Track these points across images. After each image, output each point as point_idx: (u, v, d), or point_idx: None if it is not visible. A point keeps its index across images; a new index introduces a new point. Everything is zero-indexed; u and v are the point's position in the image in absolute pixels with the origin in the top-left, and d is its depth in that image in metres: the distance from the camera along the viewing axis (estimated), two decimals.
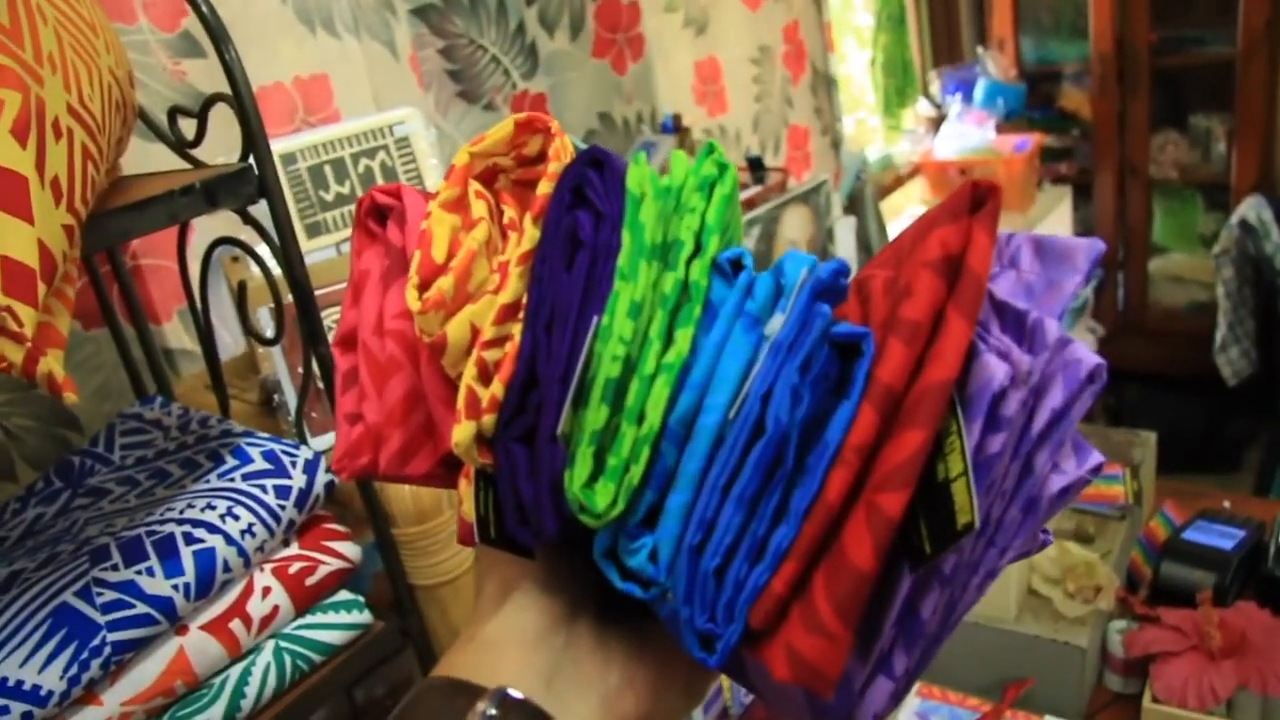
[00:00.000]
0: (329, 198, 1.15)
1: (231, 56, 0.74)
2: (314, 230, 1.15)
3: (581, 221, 0.38)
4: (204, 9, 0.74)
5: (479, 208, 0.41)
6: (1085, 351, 0.34)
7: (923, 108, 3.25)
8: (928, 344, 0.33)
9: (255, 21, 1.24)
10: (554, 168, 0.39)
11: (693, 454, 0.35)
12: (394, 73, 1.42)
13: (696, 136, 1.92)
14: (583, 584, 0.40)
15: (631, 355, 0.36)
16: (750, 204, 1.53)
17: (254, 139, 0.76)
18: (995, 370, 0.33)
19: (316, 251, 1.14)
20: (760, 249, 1.62)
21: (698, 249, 0.38)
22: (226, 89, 0.76)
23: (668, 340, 0.36)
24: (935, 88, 3.21)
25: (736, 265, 0.38)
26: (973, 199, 0.35)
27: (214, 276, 1.18)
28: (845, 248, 1.76)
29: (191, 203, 0.72)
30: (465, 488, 0.40)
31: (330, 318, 1.03)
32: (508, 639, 0.39)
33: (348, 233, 1.16)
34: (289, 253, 0.79)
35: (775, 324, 0.35)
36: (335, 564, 0.88)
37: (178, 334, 1.23)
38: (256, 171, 0.77)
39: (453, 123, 1.56)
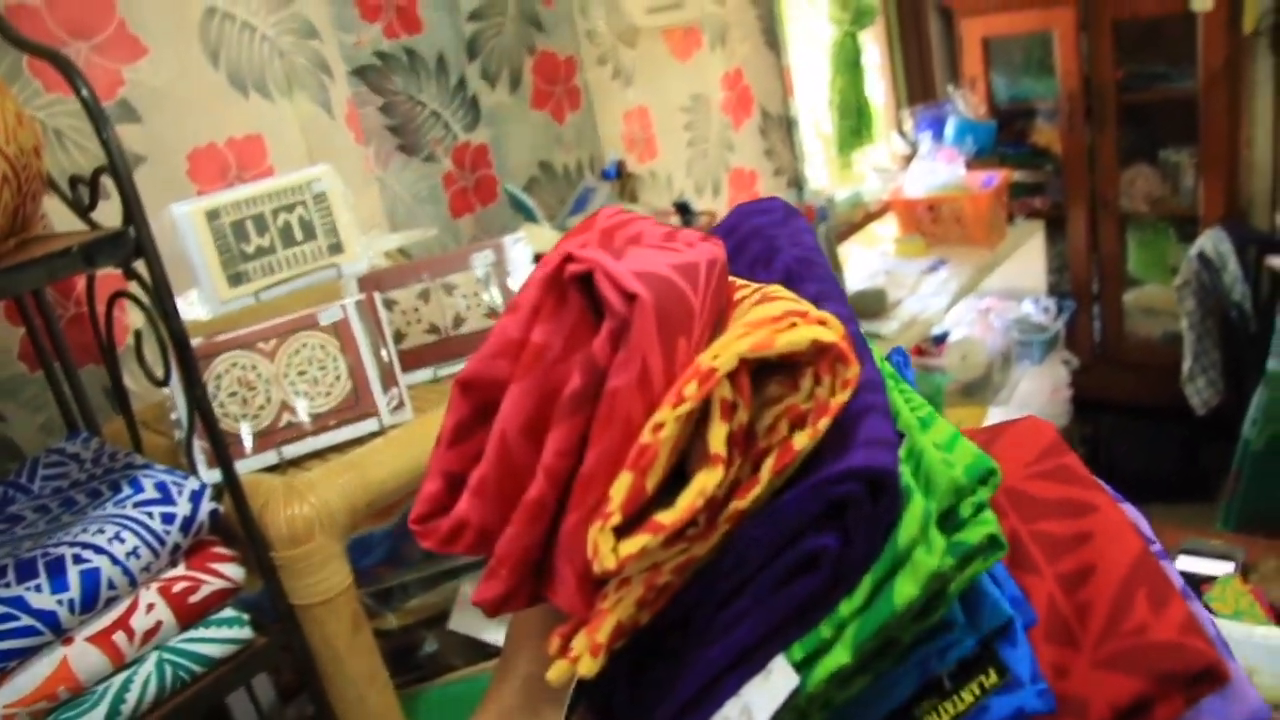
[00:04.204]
0: (250, 250, 1.26)
1: (108, 135, 0.85)
2: (236, 280, 1.25)
3: (827, 549, 0.35)
4: (84, 93, 0.84)
5: (717, 437, 0.35)
6: None
7: (896, 145, 3.33)
8: None
9: (191, 86, 1.36)
10: (824, 424, 0.36)
11: None
12: (329, 130, 1.53)
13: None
14: None
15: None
16: None
17: (130, 206, 0.86)
18: None
19: (237, 300, 1.24)
20: None
21: (925, 611, 0.36)
22: (160, 153, 0.87)
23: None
24: (908, 126, 3.29)
25: (945, 625, 0.37)
26: (1195, 676, 0.38)
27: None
28: None
29: (69, 263, 0.83)
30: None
31: (232, 360, 1.13)
32: None
33: (266, 281, 1.26)
34: (165, 306, 0.89)
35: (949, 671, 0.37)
36: (218, 584, 0.97)
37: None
38: (134, 234, 0.87)
39: (393, 174, 1.66)
